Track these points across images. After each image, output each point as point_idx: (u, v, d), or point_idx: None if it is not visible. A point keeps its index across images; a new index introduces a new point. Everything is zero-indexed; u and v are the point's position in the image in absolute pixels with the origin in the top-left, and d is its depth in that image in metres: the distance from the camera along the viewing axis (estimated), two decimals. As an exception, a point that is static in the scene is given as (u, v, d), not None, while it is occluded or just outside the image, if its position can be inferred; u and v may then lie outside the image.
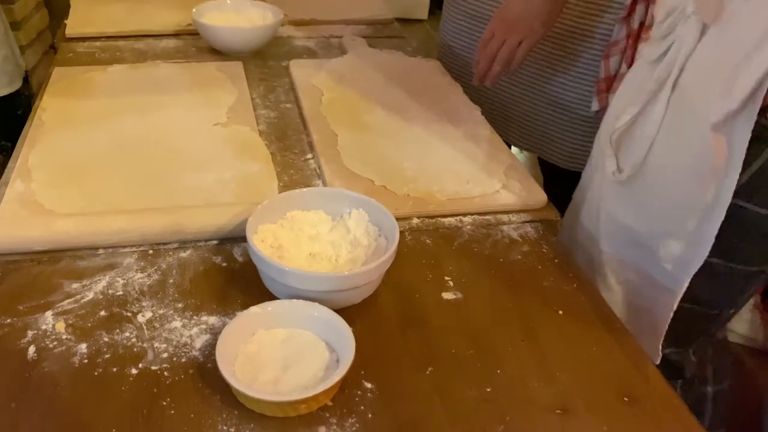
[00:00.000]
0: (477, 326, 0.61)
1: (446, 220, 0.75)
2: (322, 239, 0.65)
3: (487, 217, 0.76)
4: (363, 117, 0.90)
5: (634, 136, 0.68)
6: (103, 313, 0.59)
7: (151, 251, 0.67)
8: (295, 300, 0.56)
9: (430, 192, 0.76)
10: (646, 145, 0.66)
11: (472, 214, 0.76)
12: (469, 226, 0.74)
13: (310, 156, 0.84)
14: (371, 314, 0.61)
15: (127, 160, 0.79)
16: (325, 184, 0.78)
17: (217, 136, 0.85)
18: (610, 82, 0.99)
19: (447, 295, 0.64)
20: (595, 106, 1.01)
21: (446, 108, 0.95)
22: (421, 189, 0.77)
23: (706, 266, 0.64)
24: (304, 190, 0.68)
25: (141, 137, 0.84)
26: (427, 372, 0.56)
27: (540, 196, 0.79)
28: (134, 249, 0.67)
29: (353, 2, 1.33)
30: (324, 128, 0.87)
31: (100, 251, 0.66)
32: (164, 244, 0.68)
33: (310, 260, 0.63)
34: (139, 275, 0.64)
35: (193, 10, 1.08)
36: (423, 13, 3.82)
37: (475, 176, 0.80)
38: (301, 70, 1.03)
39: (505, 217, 0.76)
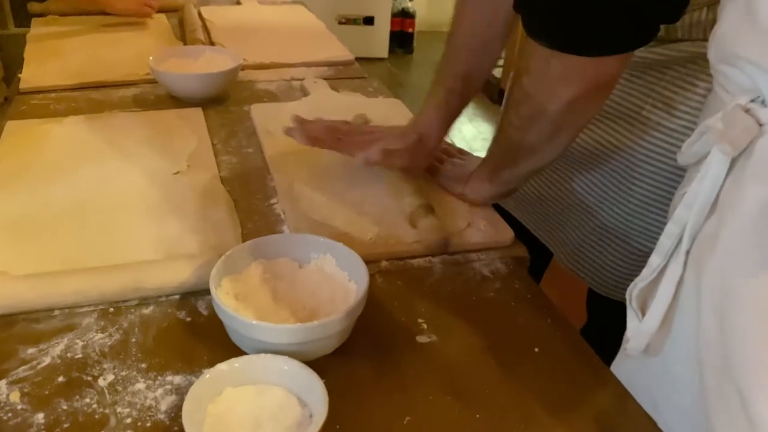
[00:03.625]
0: (453, 369, 0.59)
1: (416, 261, 0.73)
2: (290, 287, 0.63)
3: (456, 256, 0.75)
4: (322, 160, 0.87)
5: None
6: (61, 378, 0.56)
7: (111, 309, 0.64)
8: (263, 354, 0.54)
9: (395, 235, 0.75)
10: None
11: (441, 254, 0.75)
12: (439, 266, 0.73)
13: (274, 201, 0.82)
14: (344, 363, 0.59)
15: (84, 215, 0.76)
16: (290, 228, 0.76)
17: (178, 185, 0.83)
18: None
19: (421, 339, 0.62)
20: None
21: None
22: (386, 233, 0.75)
23: None
24: (268, 237, 0.66)
25: (98, 190, 0.81)
26: (405, 422, 0.54)
27: (507, 233, 0.78)
28: (93, 308, 0.64)
29: (314, 44, 1.33)
30: (286, 173, 0.86)
31: (56, 312, 0.63)
32: (125, 301, 0.65)
33: (278, 310, 0.61)
34: (100, 336, 0.61)
35: (150, 58, 1.06)
36: (383, 51, 3.88)
37: (440, 216, 0.78)
38: (262, 114, 1.02)
39: (474, 256, 0.75)
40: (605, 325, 0.96)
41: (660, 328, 0.55)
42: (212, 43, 1.30)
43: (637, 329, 0.56)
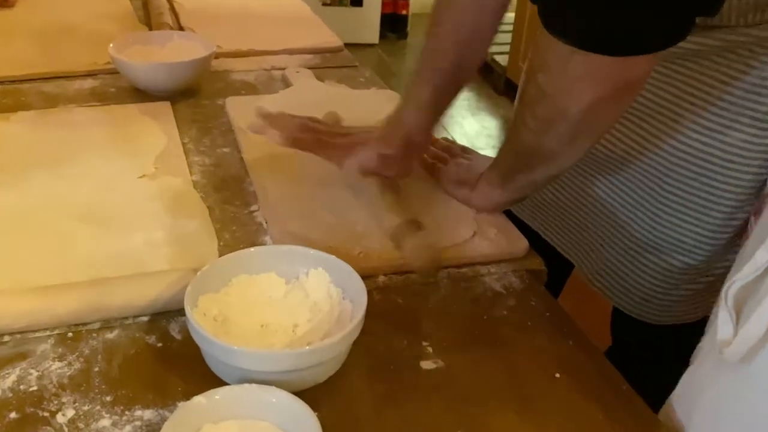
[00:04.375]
0: (463, 400, 0.60)
1: (417, 276, 0.74)
2: (276, 307, 0.63)
3: (463, 269, 0.75)
4: (310, 161, 0.87)
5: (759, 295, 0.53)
6: (13, 415, 0.56)
7: (70, 334, 0.64)
8: (246, 384, 0.54)
9: (387, 248, 0.75)
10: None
11: (446, 267, 0.75)
12: (445, 281, 0.73)
13: (254, 208, 0.83)
14: (340, 395, 0.59)
15: (37, 226, 0.76)
16: (274, 240, 0.76)
17: (144, 191, 0.83)
18: None
19: (426, 365, 0.63)
20: None
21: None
22: (376, 245, 0.75)
23: None
24: (251, 249, 0.67)
25: (53, 197, 0.81)
26: (410, 460, 0.54)
27: (521, 243, 0.78)
28: (49, 333, 0.64)
29: (297, 29, 1.33)
30: (268, 176, 0.86)
31: (6, 338, 0.63)
32: (86, 324, 0.65)
33: (263, 333, 0.61)
34: (57, 365, 0.60)
35: (111, 45, 1.06)
36: (373, 36, 3.89)
37: (441, 224, 0.79)
38: (239, 109, 1.02)
39: (484, 269, 0.75)
40: (631, 349, 0.96)
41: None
42: (181, 28, 1.30)
43: (738, 333, 0.55)
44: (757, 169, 0.75)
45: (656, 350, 0.97)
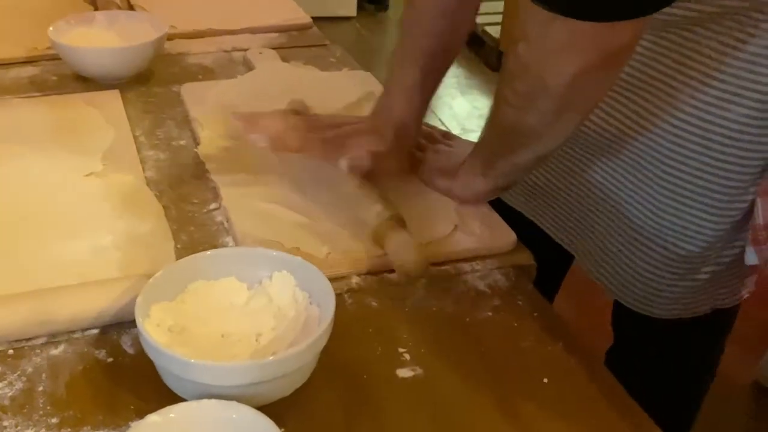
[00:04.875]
0: (444, 410, 0.60)
1: (393, 276, 0.74)
2: (237, 315, 0.64)
3: (444, 267, 0.76)
4: (267, 155, 0.87)
5: None
6: (-52, 441, 0.56)
7: (10, 351, 0.64)
8: (205, 400, 0.55)
9: (358, 248, 0.75)
10: None
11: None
12: (422, 281, 0.74)
13: (214, 206, 0.83)
14: (307, 408, 0.60)
15: (-28, 232, 0.76)
16: (236, 241, 0.77)
17: (92, 190, 0.83)
18: None
19: (403, 372, 0.64)
20: (752, 259, 0.81)
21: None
22: (344, 245, 0.75)
23: None
24: (208, 253, 0.67)
25: (-11, 199, 0.81)
26: (385, 478, 0.55)
27: (507, 236, 0.79)
28: (-13, 350, 0.64)
29: (260, 5, 1.33)
30: (229, 170, 0.86)
31: (-59, 357, 0.63)
32: (28, 339, 0.65)
33: (223, 344, 0.62)
34: (-3, 385, 0.61)
35: (51, 28, 1.06)
36: (350, 9, 3.88)
37: (418, 218, 0.79)
38: (196, 96, 1.02)
39: (466, 266, 0.76)
40: (634, 347, 0.97)
41: None
42: (131, 7, 1.30)
43: None
44: (761, 146, 0.76)
45: (660, 348, 0.98)
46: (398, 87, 0.84)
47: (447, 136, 0.95)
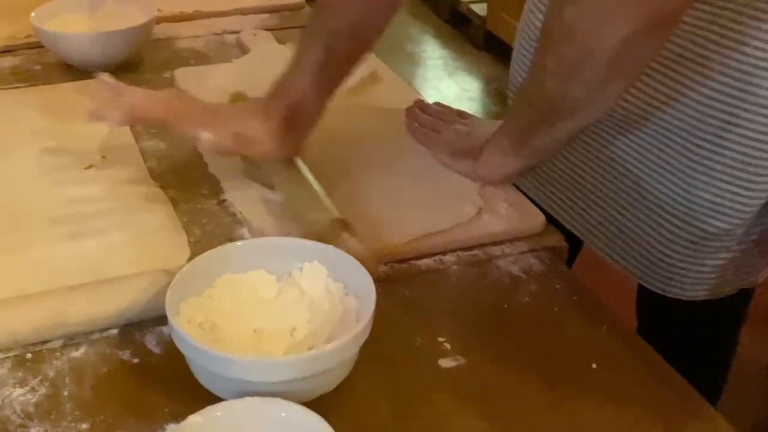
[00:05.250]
0: (490, 399, 0.62)
1: (423, 263, 0.76)
2: (269, 309, 0.65)
3: (474, 252, 0.78)
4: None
5: None
6: (-26, 452, 0.57)
7: (29, 355, 0.65)
8: (250, 398, 0.55)
9: (379, 234, 0.76)
10: None
11: (452, 251, 0.77)
12: (454, 267, 0.76)
13: (226, 196, 0.84)
14: (351, 403, 0.61)
15: (-28, 232, 0.76)
16: (252, 233, 0.77)
17: (93, 184, 0.84)
18: None
19: (445, 363, 0.65)
20: None
21: (386, 120, 0.96)
22: (365, 232, 0.75)
23: None
24: (237, 244, 0.68)
25: (-15, 198, 0.81)
26: (439, 471, 0.56)
27: (536, 217, 0.81)
28: (4, 355, 0.65)
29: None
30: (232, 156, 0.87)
31: (-45, 365, 0.64)
32: (45, 342, 0.66)
33: (257, 339, 0.63)
34: (19, 391, 0.61)
35: (32, 14, 1.06)
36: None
37: (441, 202, 0.81)
38: (190, 82, 1.03)
39: (496, 250, 0.78)
40: (658, 331, 0.99)
41: None
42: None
43: None
44: None
45: (685, 331, 1.01)
46: (298, 68, 0.83)
47: (462, 115, 0.96)
